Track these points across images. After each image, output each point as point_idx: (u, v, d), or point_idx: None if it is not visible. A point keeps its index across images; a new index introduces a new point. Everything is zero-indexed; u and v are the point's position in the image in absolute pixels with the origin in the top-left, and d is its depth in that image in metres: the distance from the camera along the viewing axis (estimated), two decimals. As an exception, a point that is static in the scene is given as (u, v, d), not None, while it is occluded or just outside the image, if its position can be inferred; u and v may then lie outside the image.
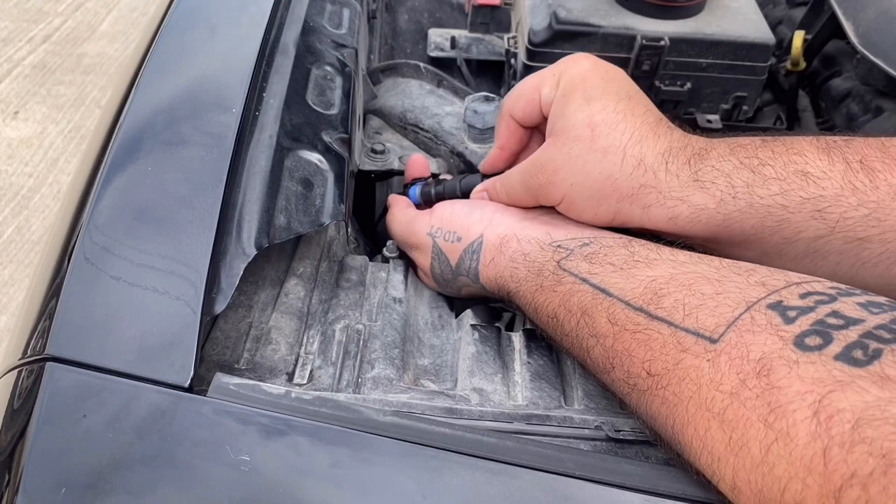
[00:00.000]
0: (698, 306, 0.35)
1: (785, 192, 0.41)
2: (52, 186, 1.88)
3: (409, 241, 0.56)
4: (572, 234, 0.47)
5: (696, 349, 0.34)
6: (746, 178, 0.42)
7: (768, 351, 0.31)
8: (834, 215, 0.41)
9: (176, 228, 0.44)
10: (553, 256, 0.45)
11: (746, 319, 0.33)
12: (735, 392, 0.32)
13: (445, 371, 0.48)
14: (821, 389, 0.29)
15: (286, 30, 0.62)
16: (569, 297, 0.42)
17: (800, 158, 0.41)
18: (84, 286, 0.41)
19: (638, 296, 0.38)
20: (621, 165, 0.45)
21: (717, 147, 0.44)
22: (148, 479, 0.34)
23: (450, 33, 0.99)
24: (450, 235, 0.53)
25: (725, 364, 0.32)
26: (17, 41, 2.37)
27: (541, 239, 0.48)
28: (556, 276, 0.44)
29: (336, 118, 0.58)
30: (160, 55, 0.57)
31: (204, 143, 0.48)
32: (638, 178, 0.45)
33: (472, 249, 0.51)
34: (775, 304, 0.33)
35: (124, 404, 0.36)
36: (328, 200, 0.51)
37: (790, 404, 0.29)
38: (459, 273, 0.52)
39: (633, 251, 0.42)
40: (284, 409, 0.37)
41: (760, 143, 0.43)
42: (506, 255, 0.49)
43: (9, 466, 0.35)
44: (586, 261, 0.43)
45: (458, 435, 0.37)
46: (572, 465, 0.36)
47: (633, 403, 0.39)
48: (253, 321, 0.47)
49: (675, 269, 0.38)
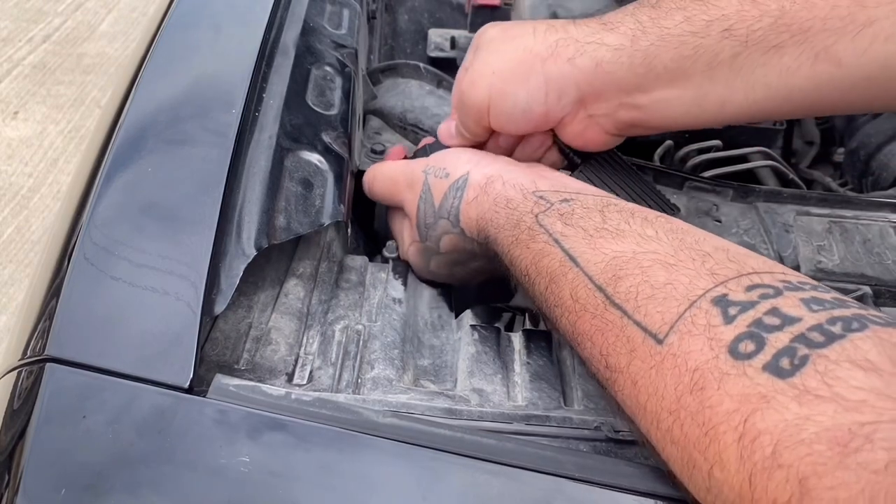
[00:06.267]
0: (649, 297, 0.35)
1: (688, 18, 0.45)
2: (51, 186, 1.88)
3: (401, 181, 0.56)
4: (556, 187, 0.47)
5: (642, 351, 0.34)
6: (649, 14, 0.46)
7: (703, 360, 0.31)
8: (741, 30, 0.43)
9: (176, 229, 0.44)
10: (533, 209, 0.45)
11: (688, 318, 0.33)
12: (674, 410, 0.32)
13: (445, 371, 0.48)
14: (746, 408, 0.29)
15: (286, 30, 0.62)
16: (540, 258, 0.42)
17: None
18: (84, 286, 0.41)
19: (600, 272, 0.38)
20: (533, 35, 0.49)
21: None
22: (148, 480, 0.34)
23: (450, 33, 0.99)
24: (440, 171, 0.53)
25: (667, 373, 0.33)
26: (17, 41, 2.37)
27: (526, 186, 0.47)
28: (530, 231, 0.44)
29: (336, 118, 0.58)
30: (160, 55, 0.57)
31: (204, 143, 0.48)
32: (551, 36, 0.48)
33: (456, 186, 0.51)
34: (719, 297, 0.33)
35: (124, 405, 0.36)
36: (328, 201, 0.51)
37: (720, 426, 0.30)
38: (440, 215, 0.51)
39: (605, 217, 0.42)
40: (284, 411, 0.37)
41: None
42: (490, 197, 0.48)
43: (9, 466, 0.35)
44: (561, 220, 0.43)
45: (458, 436, 0.37)
46: (571, 466, 0.36)
47: (600, 384, 0.39)
48: (253, 321, 0.47)
49: (638, 247, 0.38)
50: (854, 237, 0.60)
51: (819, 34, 0.42)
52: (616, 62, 0.47)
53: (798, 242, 0.59)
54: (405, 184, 0.55)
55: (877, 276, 0.57)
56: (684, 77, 0.46)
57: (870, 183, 0.79)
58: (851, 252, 0.59)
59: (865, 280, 0.57)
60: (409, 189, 0.55)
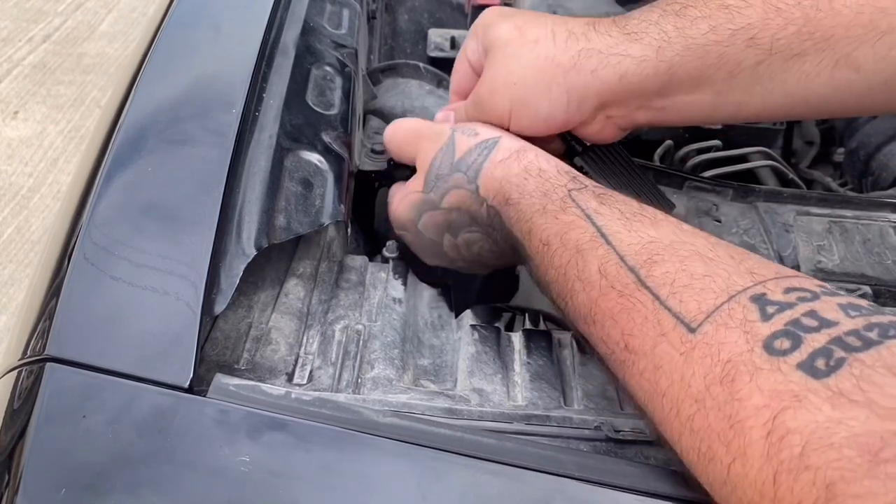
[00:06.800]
0: (685, 286, 0.35)
1: (714, 28, 0.44)
2: (51, 186, 1.88)
3: (423, 132, 0.55)
4: (587, 182, 0.47)
5: (673, 336, 0.34)
6: (674, 23, 0.45)
7: (736, 352, 0.31)
8: (766, 39, 0.43)
9: (176, 228, 0.44)
10: (567, 184, 0.45)
11: (725, 311, 0.33)
12: (701, 399, 0.32)
13: (445, 371, 0.48)
14: (776, 404, 0.29)
15: (286, 30, 0.62)
16: (568, 229, 0.42)
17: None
18: (84, 286, 0.41)
19: (634, 253, 0.38)
20: (554, 42, 0.48)
21: (636, 9, 0.48)
22: (148, 480, 0.34)
23: (450, 33, 0.99)
24: (468, 131, 0.52)
25: (697, 361, 0.33)
26: (17, 41, 2.37)
27: (560, 166, 0.47)
28: (562, 203, 0.43)
29: (336, 118, 0.58)
30: (160, 55, 0.57)
31: (204, 143, 0.48)
32: (573, 45, 0.48)
33: (484, 145, 0.50)
34: (758, 296, 0.33)
35: (124, 405, 0.36)
36: (328, 201, 0.51)
37: (748, 420, 0.29)
38: (458, 168, 0.50)
39: (643, 206, 0.42)
40: (284, 410, 0.37)
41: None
42: (521, 163, 0.48)
43: (9, 466, 0.35)
44: (597, 199, 0.43)
45: (458, 436, 0.37)
46: (572, 465, 0.36)
47: (609, 366, 0.39)
48: (253, 321, 0.47)
49: (675, 237, 0.38)
50: (854, 237, 0.60)
51: (841, 41, 0.42)
52: (640, 74, 0.46)
53: (798, 242, 0.59)
54: (428, 136, 0.54)
55: (877, 276, 0.57)
56: (706, 83, 0.46)
57: (870, 183, 0.79)
58: (851, 252, 0.59)
59: (865, 280, 0.57)
60: (430, 141, 0.54)
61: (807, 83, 0.44)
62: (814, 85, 0.44)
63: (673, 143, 0.78)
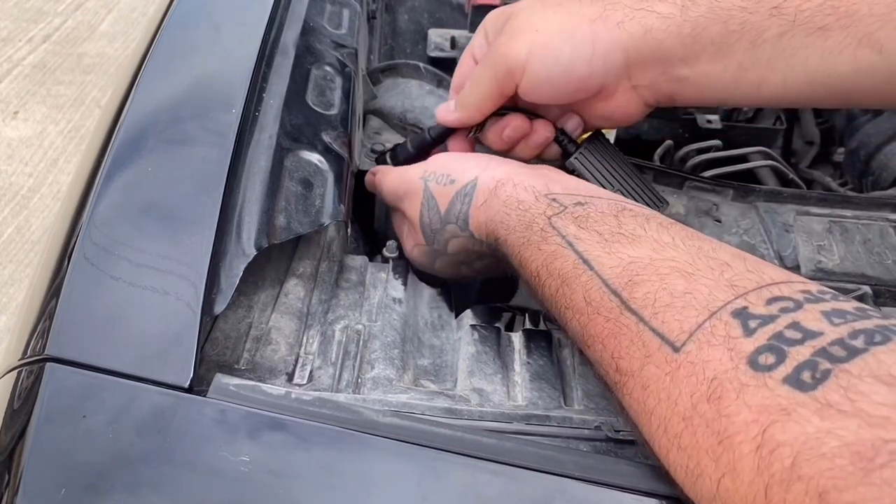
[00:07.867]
0: (667, 305, 0.35)
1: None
2: (51, 186, 1.88)
3: (399, 190, 0.56)
4: (569, 190, 0.47)
5: (658, 357, 0.34)
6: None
7: (721, 370, 0.31)
8: (790, 9, 0.44)
9: (176, 228, 0.44)
10: (546, 210, 0.45)
11: (707, 329, 0.33)
12: (688, 417, 0.32)
13: (445, 371, 0.48)
14: (765, 419, 0.29)
15: (286, 30, 0.62)
16: (552, 259, 0.42)
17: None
18: (84, 286, 0.41)
19: (616, 276, 0.38)
20: (580, 1, 0.49)
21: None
22: (148, 480, 0.34)
23: (450, 33, 0.98)
24: (443, 178, 0.52)
25: (683, 380, 0.33)
26: (17, 41, 2.37)
27: (538, 188, 0.47)
28: (542, 233, 0.44)
29: (336, 118, 0.58)
30: (160, 55, 0.57)
31: (204, 143, 0.48)
32: (599, 1, 0.48)
33: (464, 192, 0.50)
34: (739, 310, 0.33)
35: (124, 405, 0.36)
36: (328, 201, 0.51)
37: (737, 435, 0.29)
38: (448, 220, 0.51)
39: (621, 222, 0.42)
40: (284, 410, 0.37)
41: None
42: (500, 199, 0.48)
43: (9, 466, 0.35)
44: (575, 223, 0.43)
45: (458, 436, 0.37)
46: (572, 465, 0.36)
47: (606, 386, 0.39)
48: (253, 321, 0.47)
49: (655, 254, 0.38)
50: (854, 237, 0.60)
51: (864, 18, 0.42)
52: (665, 30, 0.47)
53: (798, 242, 0.59)
54: (404, 192, 0.55)
55: (877, 276, 0.57)
56: (729, 52, 0.46)
57: (870, 183, 0.79)
58: (851, 252, 0.59)
59: (865, 280, 0.57)
60: (408, 197, 0.55)
61: (828, 61, 0.44)
62: (836, 64, 0.44)
63: (673, 143, 0.78)
